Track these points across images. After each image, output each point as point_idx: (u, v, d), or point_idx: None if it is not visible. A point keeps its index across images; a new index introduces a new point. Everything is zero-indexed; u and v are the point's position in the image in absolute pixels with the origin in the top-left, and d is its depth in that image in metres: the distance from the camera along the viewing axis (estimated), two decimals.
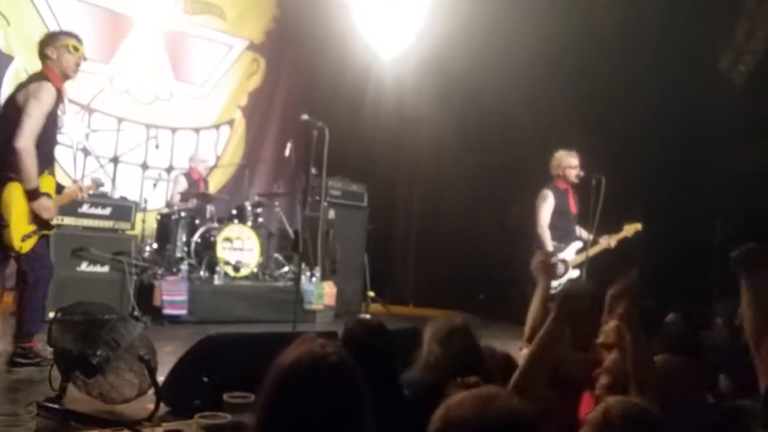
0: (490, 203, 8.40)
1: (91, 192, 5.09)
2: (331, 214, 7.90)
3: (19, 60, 7.70)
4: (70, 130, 7.96)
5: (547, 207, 5.68)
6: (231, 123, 9.58)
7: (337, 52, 9.38)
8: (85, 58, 4.50)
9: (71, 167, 7.90)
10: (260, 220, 7.60)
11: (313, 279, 7.45)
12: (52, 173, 4.51)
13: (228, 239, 7.03)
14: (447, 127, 8.91)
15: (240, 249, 7.10)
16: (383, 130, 9.27)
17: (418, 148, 9.62)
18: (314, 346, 1.42)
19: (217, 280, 6.88)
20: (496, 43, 8.06)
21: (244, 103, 9.68)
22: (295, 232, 7.01)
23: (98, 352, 3.37)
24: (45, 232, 4.38)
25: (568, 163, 5.77)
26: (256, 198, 8.14)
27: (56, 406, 3.28)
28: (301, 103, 8.72)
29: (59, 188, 4.62)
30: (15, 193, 4.18)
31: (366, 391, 1.43)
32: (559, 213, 5.70)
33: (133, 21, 8.49)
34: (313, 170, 6.33)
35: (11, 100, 4.38)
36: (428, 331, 2.69)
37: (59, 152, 7.89)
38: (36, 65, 7.74)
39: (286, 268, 7.72)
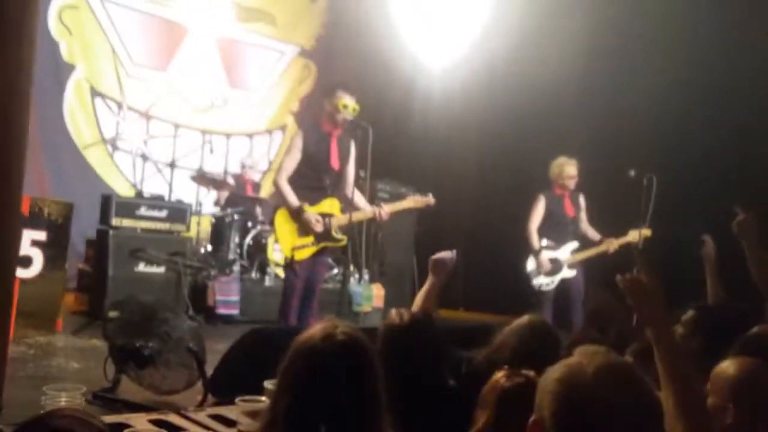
0: None
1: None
2: None
3: (80, 70, 8.02)
4: (130, 136, 8.27)
5: (536, 212, 6.05)
6: (283, 128, 9.77)
7: (387, 55, 9.47)
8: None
9: (131, 172, 8.19)
10: None
11: (362, 281, 7.53)
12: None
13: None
14: (495, 131, 8.89)
15: None
16: (431, 134, 9.31)
17: (466, 150, 9.62)
18: (326, 324, 1.51)
19: (268, 281, 7.02)
20: (545, 51, 8.01)
21: (296, 108, 9.86)
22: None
23: (150, 344, 3.52)
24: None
25: (567, 173, 6.05)
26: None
27: (110, 395, 3.43)
28: None
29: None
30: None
31: (377, 368, 1.50)
32: (552, 216, 6.00)
33: (187, 29, 8.75)
34: (362, 173, 6.40)
35: None
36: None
37: (118, 157, 8.30)
38: (97, 75, 8.13)
39: (335, 270, 7.82)
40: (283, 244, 4.87)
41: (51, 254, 5.30)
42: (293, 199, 4.80)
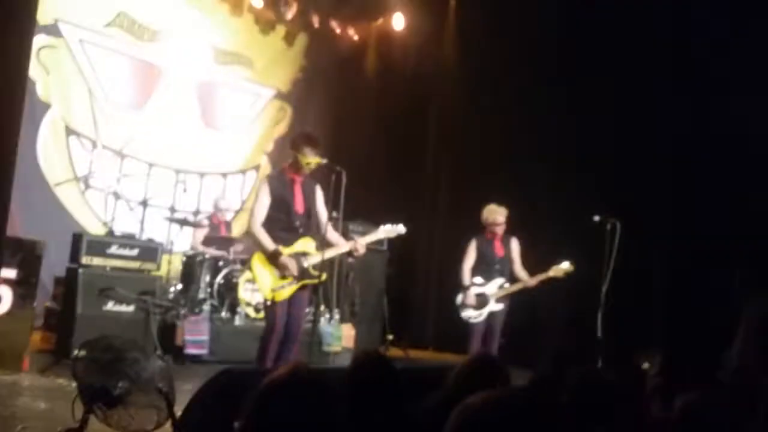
0: None
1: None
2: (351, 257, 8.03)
3: (56, 108, 8.03)
4: (103, 174, 8.28)
5: (468, 253, 6.43)
6: (257, 168, 9.85)
7: (359, 99, 9.68)
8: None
9: (102, 210, 8.18)
10: None
11: (333, 321, 7.56)
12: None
13: (250, 281, 7.18)
14: (468, 176, 9.07)
15: None
16: (403, 174, 9.46)
17: (437, 191, 9.78)
18: (292, 364, 1.59)
19: (238, 321, 7.03)
20: (512, 92, 8.25)
21: (271, 149, 9.96)
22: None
23: (119, 384, 3.52)
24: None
25: (493, 219, 6.36)
26: None
27: None
28: (325, 149, 8.96)
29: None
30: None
31: (342, 407, 1.57)
32: (482, 257, 6.39)
33: (164, 70, 8.86)
34: (335, 214, 6.48)
35: None
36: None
37: (90, 195, 8.29)
38: (72, 113, 8.15)
39: (306, 310, 7.83)
40: (263, 287, 4.93)
41: (20, 292, 5.29)
42: (269, 243, 4.88)
